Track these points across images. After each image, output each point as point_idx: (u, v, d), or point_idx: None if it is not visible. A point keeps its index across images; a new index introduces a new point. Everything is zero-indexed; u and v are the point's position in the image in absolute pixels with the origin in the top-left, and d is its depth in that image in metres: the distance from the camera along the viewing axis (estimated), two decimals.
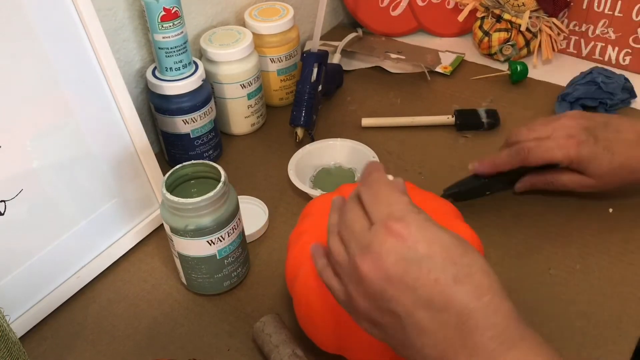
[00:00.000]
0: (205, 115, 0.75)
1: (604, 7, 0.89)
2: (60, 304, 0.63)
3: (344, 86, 0.92)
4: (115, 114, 0.66)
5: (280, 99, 0.88)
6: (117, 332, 0.61)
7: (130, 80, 0.76)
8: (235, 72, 0.78)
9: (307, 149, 0.77)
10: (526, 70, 0.90)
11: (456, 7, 0.99)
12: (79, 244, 0.64)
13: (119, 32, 0.73)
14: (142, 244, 0.69)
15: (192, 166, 0.60)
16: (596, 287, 0.61)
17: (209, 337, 0.59)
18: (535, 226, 0.68)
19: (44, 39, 0.59)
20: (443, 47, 0.99)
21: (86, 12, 0.61)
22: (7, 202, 0.58)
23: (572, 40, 0.95)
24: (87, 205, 0.64)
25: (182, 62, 0.72)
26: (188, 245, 0.58)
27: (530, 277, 0.63)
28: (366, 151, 0.76)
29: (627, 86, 0.83)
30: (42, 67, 0.59)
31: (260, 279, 0.65)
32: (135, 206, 0.69)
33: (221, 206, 0.58)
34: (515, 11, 0.91)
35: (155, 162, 0.69)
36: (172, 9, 0.68)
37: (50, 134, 0.60)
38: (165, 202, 0.57)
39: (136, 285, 0.65)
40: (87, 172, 0.64)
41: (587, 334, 0.58)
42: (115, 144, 0.66)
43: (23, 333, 0.60)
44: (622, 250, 0.65)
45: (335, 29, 1.07)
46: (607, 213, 0.69)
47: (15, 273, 0.59)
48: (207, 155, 0.78)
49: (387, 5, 1.01)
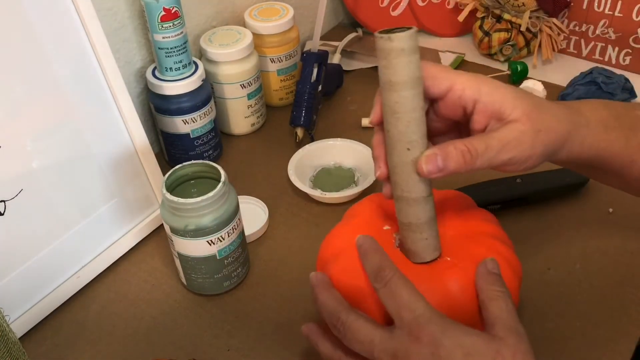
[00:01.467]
0: (205, 115, 0.75)
1: (604, 7, 0.89)
2: (60, 304, 0.63)
3: (344, 86, 0.92)
4: (115, 114, 0.66)
5: (280, 99, 0.88)
6: (117, 332, 0.61)
7: (130, 80, 0.76)
8: (235, 72, 0.78)
9: (307, 149, 0.77)
10: (526, 70, 0.90)
11: (456, 7, 0.99)
12: (79, 244, 0.64)
13: (119, 32, 0.73)
14: (142, 244, 0.69)
15: (192, 166, 0.60)
16: (596, 287, 0.61)
17: (209, 337, 0.59)
18: (535, 226, 0.68)
19: (44, 39, 0.59)
20: (443, 47, 0.99)
21: (86, 12, 0.61)
22: (7, 202, 0.58)
23: (572, 40, 0.95)
24: (87, 205, 0.64)
25: (182, 62, 0.72)
26: (188, 245, 0.58)
27: (530, 277, 0.63)
28: (366, 151, 0.76)
29: (627, 86, 0.83)
30: (42, 67, 0.59)
31: (260, 279, 0.65)
32: (135, 206, 0.69)
33: (221, 206, 0.58)
34: (515, 11, 0.91)
35: (155, 162, 0.69)
36: (172, 9, 0.68)
37: (50, 134, 0.60)
38: (165, 202, 0.57)
39: (136, 285, 0.65)
40: (87, 172, 0.64)
41: (587, 334, 0.58)
42: (115, 144, 0.66)
43: (23, 333, 0.60)
44: (622, 251, 0.65)
45: (335, 29, 1.07)
46: (607, 213, 0.69)
47: (15, 273, 0.59)
48: (207, 155, 0.78)
49: (387, 5, 1.01)
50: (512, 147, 0.44)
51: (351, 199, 0.72)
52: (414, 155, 0.45)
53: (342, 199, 0.72)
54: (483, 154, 0.44)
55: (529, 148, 0.45)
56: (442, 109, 0.47)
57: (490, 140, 0.45)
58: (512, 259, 0.51)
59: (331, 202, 0.72)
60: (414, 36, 0.44)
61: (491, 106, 0.45)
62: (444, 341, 0.41)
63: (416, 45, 0.44)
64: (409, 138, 0.45)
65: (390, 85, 0.44)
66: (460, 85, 0.46)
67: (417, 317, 0.42)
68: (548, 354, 0.56)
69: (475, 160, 0.44)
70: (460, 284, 0.47)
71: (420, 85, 0.44)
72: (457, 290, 0.47)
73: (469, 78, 0.46)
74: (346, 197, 0.72)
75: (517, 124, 0.44)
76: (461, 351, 0.41)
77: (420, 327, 0.42)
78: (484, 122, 0.46)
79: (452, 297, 0.46)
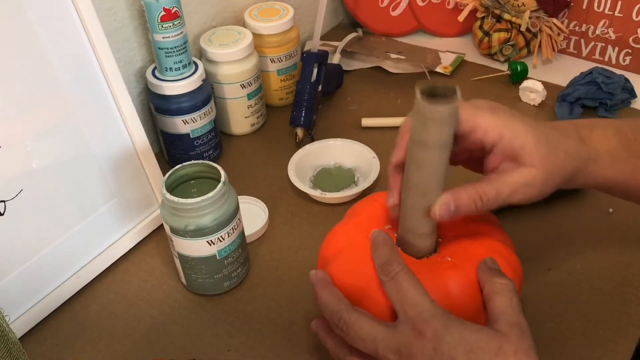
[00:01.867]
0: (205, 116, 0.75)
1: (604, 7, 0.89)
2: (60, 304, 0.63)
3: (344, 86, 0.92)
4: (115, 114, 0.66)
5: (280, 99, 0.88)
6: (117, 332, 0.61)
7: (130, 80, 0.76)
8: (235, 72, 0.78)
9: (307, 149, 0.77)
10: (526, 70, 0.90)
11: (456, 7, 0.99)
12: (79, 244, 0.64)
13: (119, 32, 0.73)
14: (142, 244, 0.69)
15: (192, 166, 0.60)
16: (596, 287, 0.61)
17: (209, 337, 0.59)
18: (535, 226, 0.68)
19: (44, 39, 0.59)
20: (443, 47, 0.99)
21: (86, 12, 0.61)
22: (7, 202, 0.58)
23: (572, 40, 0.95)
24: (87, 205, 0.64)
25: (182, 62, 0.72)
26: (188, 245, 0.58)
27: (530, 277, 0.63)
28: (366, 151, 0.76)
29: (627, 86, 0.83)
30: (42, 67, 0.59)
31: (260, 279, 0.65)
32: (135, 206, 0.69)
33: (221, 206, 0.58)
34: (515, 11, 0.91)
35: (155, 162, 0.69)
36: (172, 9, 0.68)
37: (50, 134, 0.60)
38: (165, 202, 0.57)
39: (136, 285, 0.65)
40: (87, 172, 0.64)
41: (587, 334, 0.58)
42: (115, 144, 0.66)
43: (23, 333, 0.60)
44: (622, 251, 0.65)
45: (335, 29, 1.07)
46: (607, 213, 0.69)
47: (15, 273, 0.59)
48: (207, 155, 0.78)
49: (387, 5, 1.01)
50: (521, 191, 0.46)
51: (351, 199, 0.72)
52: (428, 202, 0.46)
53: (342, 199, 0.72)
54: (493, 200, 0.46)
55: (538, 191, 0.46)
56: (461, 142, 0.48)
57: (502, 187, 0.46)
58: (513, 260, 0.51)
59: (331, 202, 0.72)
60: (456, 110, 0.44)
61: (509, 150, 0.46)
62: (446, 337, 0.41)
63: (456, 113, 0.44)
64: (427, 187, 0.46)
65: (421, 143, 0.44)
66: (483, 129, 0.47)
67: (421, 312, 0.43)
68: (548, 354, 0.56)
69: (485, 206, 0.46)
70: (460, 284, 0.47)
71: (450, 146, 0.45)
72: (457, 290, 0.47)
73: (493, 121, 0.47)
74: (346, 197, 0.72)
75: (531, 169, 0.46)
76: (463, 347, 0.41)
77: (424, 322, 0.42)
78: (498, 162, 0.47)
79: (452, 297, 0.46)
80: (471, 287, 0.47)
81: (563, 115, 0.82)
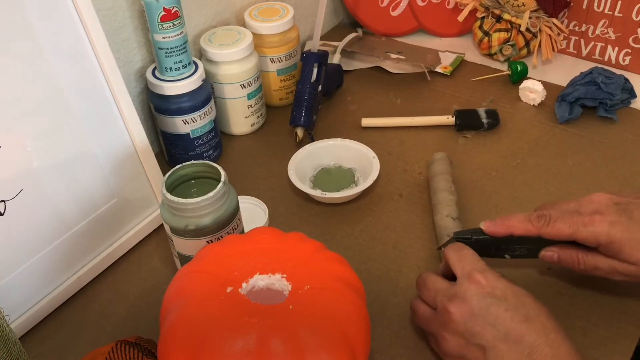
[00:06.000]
0: (205, 115, 0.75)
1: (604, 7, 0.89)
2: (60, 304, 0.63)
3: (344, 86, 0.92)
4: (115, 114, 0.66)
5: (280, 99, 0.88)
6: (117, 332, 0.61)
7: (130, 80, 0.76)
8: (235, 72, 0.78)
9: (307, 149, 0.77)
10: (526, 70, 0.90)
11: (456, 7, 0.99)
12: (79, 244, 0.64)
13: (119, 32, 0.73)
14: (142, 244, 0.69)
15: (192, 166, 0.60)
16: (596, 287, 0.61)
17: None
18: None
19: (44, 39, 0.59)
20: (443, 47, 0.99)
21: (86, 12, 0.61)
22: (7, 202, 0.58)
23: (572, 40, 0.95)
24: (87, 205, 0.64)
25: (182, 62, 0.72)
26: (188, 245, 0.58)
27: (531, 277, 0.63)
28: (366, 151, 0.76)
29: (627, 86, 0.83)
30: (42, 67, 0.59)
31: None
32: (135, 206, 0.69)
33: (221, 206, 0.58)
34: (515, 11, 0.91)
35: (155, 162, 0.69)
36: (172, 9, 0.68)
37: (50, 134, 0.60)
38: (165, 202, 0.57)
39: (136, 285, 0.65)
40: (87, 172, 0.64)
41: (587, 334, 0.58)
42: (115, 144, 0.66)
43: (23, 333, 0.60)
44: None
45: (335, 29, 1.07)
46: None
47: (15, 273, 0.59)
48: (207, 155, 0.78)
49: (387, 5, 1.01)
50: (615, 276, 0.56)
51: (351, 199, 0.72)
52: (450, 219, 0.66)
53: (342, 199, 0.72)
54: (589, 270, 0.56)
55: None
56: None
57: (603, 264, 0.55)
58: (354, 281, 0.50)
59: (331, 202, 0.72)
60: None
61: (617, 251, 0.53)
62: (498, 284, 0.50)
63: None
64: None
65: None
66: (610, 238, 0.53)
67: (478, 267, 0.52)
68: None
69: (580, 270, 0.57)
70: None
71: None
72: None
73: (619, 231, 0.53)
74: (346, 197, 0.72)
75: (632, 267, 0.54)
76: (512, 291, 0.50)
77: (480, 272, 0.51)
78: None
79: None
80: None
81: (563, 115, 0.82)
